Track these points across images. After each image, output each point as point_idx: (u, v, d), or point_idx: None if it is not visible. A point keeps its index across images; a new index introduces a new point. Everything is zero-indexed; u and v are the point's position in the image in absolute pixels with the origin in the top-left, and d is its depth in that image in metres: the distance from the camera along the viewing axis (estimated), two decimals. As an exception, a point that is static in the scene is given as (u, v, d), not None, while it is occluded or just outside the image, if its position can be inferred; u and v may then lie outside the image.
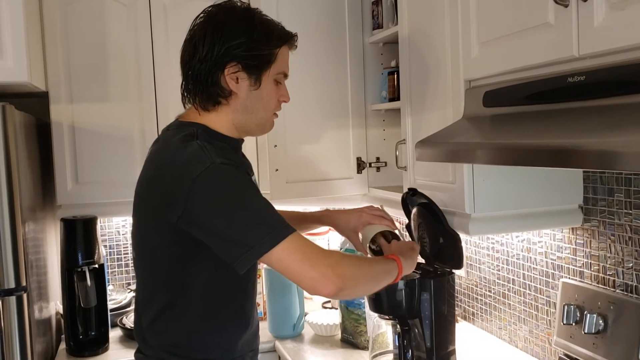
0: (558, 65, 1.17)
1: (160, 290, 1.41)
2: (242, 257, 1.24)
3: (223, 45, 1.34)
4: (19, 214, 1.76)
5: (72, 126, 2.28)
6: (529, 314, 1.83)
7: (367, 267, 1.38)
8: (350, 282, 1.28)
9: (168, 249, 1.36)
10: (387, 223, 1.66)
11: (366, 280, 1.37)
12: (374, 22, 2.24)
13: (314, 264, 1.24)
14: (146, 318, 1.43)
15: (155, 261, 1.40)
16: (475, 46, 1.43)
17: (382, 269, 1.40)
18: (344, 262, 1.30)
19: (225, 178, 1.28)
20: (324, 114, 2.26)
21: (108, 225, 2.68)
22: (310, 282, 1.24)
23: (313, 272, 1.24)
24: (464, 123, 1.46)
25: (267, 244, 1.23)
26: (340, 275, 1.25)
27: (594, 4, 1.04)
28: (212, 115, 1.40)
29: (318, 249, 1.28)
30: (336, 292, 1.25)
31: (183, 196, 1.25)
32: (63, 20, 2.27)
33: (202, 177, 1.25)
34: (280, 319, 2.22)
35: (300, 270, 1.24)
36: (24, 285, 1.77)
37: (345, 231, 1.71)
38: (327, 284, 1.23)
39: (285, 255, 1.24)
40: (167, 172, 1.32)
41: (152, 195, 1.35)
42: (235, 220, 1.25)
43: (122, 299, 2.49)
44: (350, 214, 1.70)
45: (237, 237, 1.24)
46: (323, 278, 1.23)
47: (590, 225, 1.58)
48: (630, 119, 0.95)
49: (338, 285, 1.24)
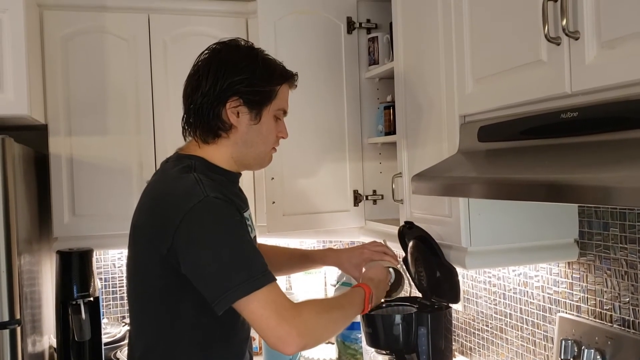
0: (551, 101, 1.19)
1: (151, 322, 1.41)
2: (218, 299, 1.25)
3: (226, 81, 1.38)
4: (15, 246, 1.76)
5: (70, 159, 2.29)
6: (527, 349, 1.81)
7: (330, 315, 1.39)
8: (312, 339, 1.32)
9: (159, 280, 1.36)
10: (388, 259, 1.68)
11: (329, 329, 1.42)
12: (370, 58, 2.27)
13: (280, 323, 1.26)
14: (138, 351, 1.43)
15: (147, 292, 1.40)
16: (469, 82, 1.45)
17: (347, 308, 1.44)
18: (311, 320, 1.32)
19: (216, 214, 1.29)
20: (321, 147, 2.28)
21: (104, 257, 2.66)
22: (274, 339, 1.27)
23: (278, 331, 1.26)
24: (459, 157, 1.47)
25: (242, 291, 1.25)
26: (304, 336, 1.28)
27: (585, 43, 1.07)
28: (211, 148, 1.42)
29: (288, 305, 1.29)
30: (296, 352, 1.30)
31: (173, 228, 1.27)
32: (64, 53, 2.30)
33: (193, 210, 1.26)
34: (276, 355, 2.19)
35: (266, 325, 1.26)
36: (18, 318, 1.76)
37: (348, 269, 1.73)
38: (290, 343, 1.27)
39: (256, 307, 1.26)
40: (162, 203, 1.33)
41: (146, 226, 1.36)
42: (217, 261, 1.26)
43: (117, 332, 2.46)
44: (352, 252, 1.73)
45: (215, 278, 1.26)
46: (287, 337, 1.26)
47: (587, 259, 1.58)
48: (623, 155, 0.97)
49: (299, 345, 1.28)
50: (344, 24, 2.28)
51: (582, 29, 1.07)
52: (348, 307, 1.44)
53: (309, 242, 2.86)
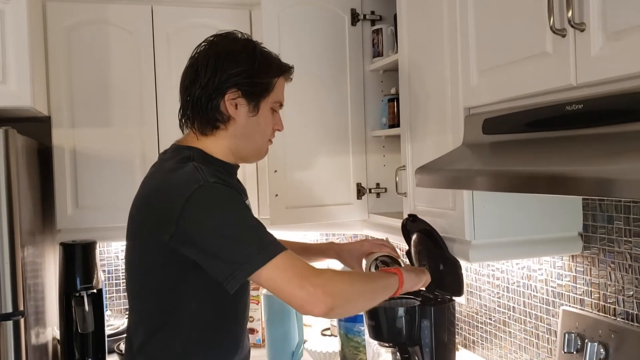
0: (556, 93, 1.18)
1: (150, 312, 1.41)
2: (232, 276, 1.24)
3: (225, 72, 1.38)
4: (18, 238, 1.76)
5: (73, 150, 2.30)
6: (530, 342, 1.81)
7: (360, 284, 1.37)
8: (341, 300, 1.27)
9: (159, 269, 1.36)
10: (387, 250, 1.70)
11: (359, 297, 1.36)
12: (374, 50, 2.26)
13: (303, 284, 1.23)
14: (136, 341, 1.43)
15: (146, 282, 1.40)
16: (474, 74, 1.44)
17: (378, 284, 1.40)
18: (335, 280, 1.29)
19: (218, 197, 1.29)
20: (324, 140, 2.27)
21: (107, 250, 2.67)
22: (300, 302, 1.24)
23: (302, 292, 1.23)
24: (463, 150, 1.47)
25: (257, 262, 1.23)
26: (331, 294, 1.24)
27: (591, 34, 1.06)
28: (209, 139, 1.43)
29: (309, 267, 1.27)
30: (326, 312, 1.24)
31: (175, 214, 1.26)
32: (67, 45, 2.30)
33: (195, 195, 1.26)
34: (279, 346, 2.20)
35: (290, 290, 1.24)
36: (22, 309, 1.76)
37: (348, 262, 1.75)
38: (317, 303, 1.23)
39: (275, 274, 1.24)
40: (162, 191, 1.33)
41: (146, 215, 1.36)
42: (226, 238, 1.26)
43: (120, 324, 2.47)
44: (353, 245, 1.75)
45: (227, 255, 1.25)
46: (313, 298, 1.23)
47: (590, 252, 1.58)
48: (627, 147, 0.96)
49: (328, 304, 1.23)
50: (348, 16, 2.26)
51: (588, 21, 1.06)
52: (379, 279, 1.41)
53: (312, 235, 2.86)
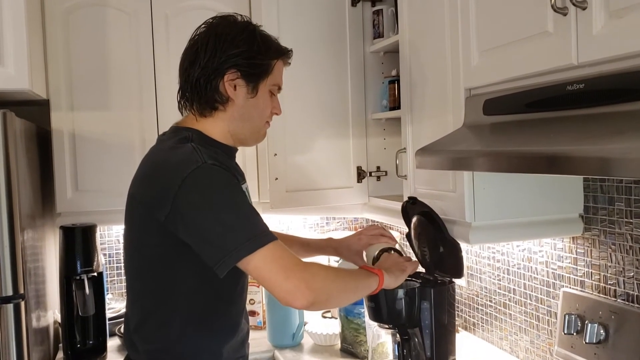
0: (557, 73, 1.17)
1: (147, 293, 1.42)
2: (222, 261, 1.25)
3: (225, 53, 1.38)
4: (18, 221, 1.76)
5: (72, 134, 2.29)
6: (530, 324, 1.82)
7: (342, 282, 1.40)
8: (322, 296, 1.30)
9: (155, 249, 1.36)
10: (386, 240, 1.72)
11: (339, 294, 1.40)
12: (375, 32, 2.24)
13: (288, 276, 1.25)
14: (133, 322, 1.44)
15: (143, 262, 1.41)
16: (475, 55, 1.43)
17: (360, 283, 1.43)
18: (320, 276, 1.31)
19: (215, 179, 1.29)
20: (324, 123, 2.26)
21: (108, 233, 2.67)
22: (283, 293, 1.26)
23: (287, 284, 1.25)
24: (464, 131, 1.46)
25: (246, 250, 1.24)
26: (313, 289, 1.27)
27: (593, 12, 1.05)
28: (208, 121, 1.43)
29: (296, 260, 1.29)
30: (307, 306, 1.27)
31: (172, 194, 1.27)
32: (65, 28, 2.28)
33: (192, 175, 1.26)
34: (279, 329, 2.21)
35: (275, 280, 1.26)
36: (22, 293, 1.76)
37: (348, 257, 1.77)
38: (299, 297, 1.25)
39: (262, 264, 1.25)
40: (159, 171, 1.34)
41: (143, 194, 1.36)
42: (218, 223, 1.26)
43: (121, 307, 2.47)
44: (350, 239, 1.77)
45: (217, 240, 1.26)
46: (296, 291, 1.25)
47: (591, 234, 1.57)
48: (629, 126, 0.95)
49: (309, 299, 1.26)
50: (348, -3, 2.24)
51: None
52: (361, 278, 1.44)
53: (312, 218, 2.86)
